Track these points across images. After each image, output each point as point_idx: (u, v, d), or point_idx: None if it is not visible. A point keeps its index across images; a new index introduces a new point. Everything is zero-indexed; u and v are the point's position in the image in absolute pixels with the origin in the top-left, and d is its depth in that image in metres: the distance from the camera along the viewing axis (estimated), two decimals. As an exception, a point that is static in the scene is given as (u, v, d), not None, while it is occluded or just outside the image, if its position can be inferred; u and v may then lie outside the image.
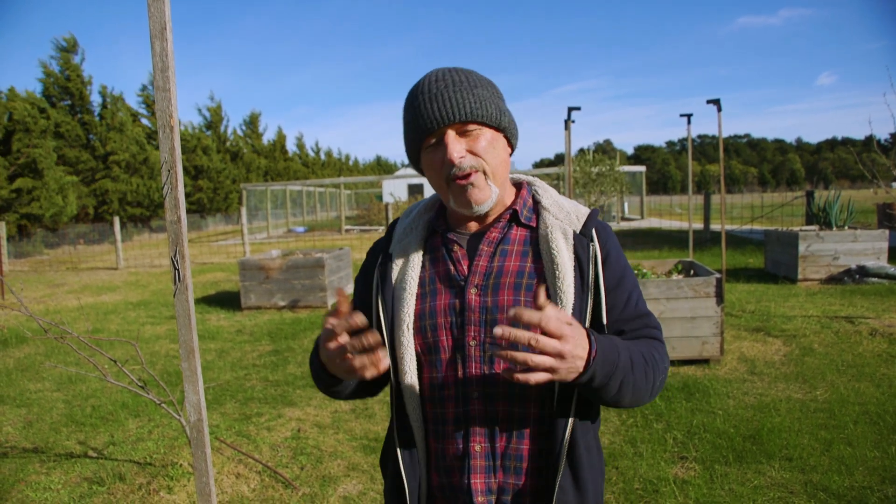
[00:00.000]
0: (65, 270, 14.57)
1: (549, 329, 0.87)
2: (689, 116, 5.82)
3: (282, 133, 42.86)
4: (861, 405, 3.79)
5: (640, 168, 26.65)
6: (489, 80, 1.12)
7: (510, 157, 1.16)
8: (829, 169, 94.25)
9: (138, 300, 9.55)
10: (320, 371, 1.10)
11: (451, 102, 1.05)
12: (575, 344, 0.89)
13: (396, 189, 33.83)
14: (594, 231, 1.12)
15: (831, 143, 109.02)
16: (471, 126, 1.06)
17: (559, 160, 76.22)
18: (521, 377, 0.88)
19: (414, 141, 1.10)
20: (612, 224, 20.80)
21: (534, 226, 1.15)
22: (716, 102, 5.12)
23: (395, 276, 1.16)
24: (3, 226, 11.36)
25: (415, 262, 1.16)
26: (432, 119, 1.05)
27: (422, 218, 1.22)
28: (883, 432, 3.39)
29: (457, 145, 1.05)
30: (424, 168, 1.13)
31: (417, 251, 1.17)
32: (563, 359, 0.89)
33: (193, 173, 30.56)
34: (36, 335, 3.83)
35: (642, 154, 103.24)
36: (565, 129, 5.43)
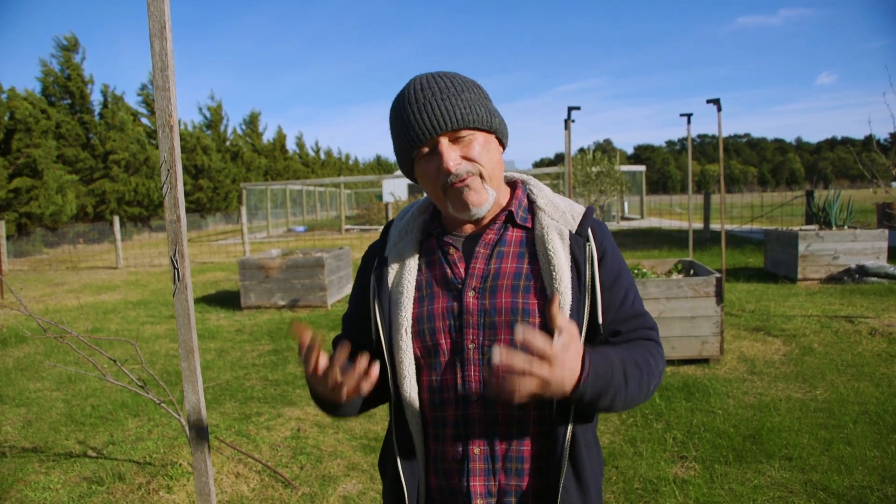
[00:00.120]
0: (64, 270, 14.56)
1: (546, 354, 0.85)
2: (688, 116, 5.82)
3: (282, 132, 42.74)
4: (861, 405, 3.79)
5: (640, 168, 26.65)
6: (474, 81, 1.11)
7: (502, 155, 1.16)
8: (828, 168, 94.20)
9: (138, 299, 9.55)
10: (321, 402, 1.10)
11: (441, 110, 1.03)
12: (562, 367, 0.87)
13: (396, 188, 33.80)
14: (590, 230, 1.11)
15: (831, 143, 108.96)
16: (463, 132, 1.05)
17: (559, 160, 76.21)
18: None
19: (406, 152, 1.08)
20: (611, 224, 20.82)
21: (529, 226, 1.14)
22: (716, 102, 5.12)
23: (391, 280, 1.15)
24: (2, 225, 11.35)
25: (411, 265, 1.15)
26: (424, 129, 1.03)
27: (416, 220, 1.21)
28: (882, 432, 3.39)
29: (451, 153, 1.04)
30: (419, 178, 1.11)
31: (413, 254, 1.16)
32: (547, 385, 0.87)
33: (193, 172, 30.54)
34: (35, 334, 3.83)
35: (642, 154, 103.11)
36: (565, 129, 5.43)
